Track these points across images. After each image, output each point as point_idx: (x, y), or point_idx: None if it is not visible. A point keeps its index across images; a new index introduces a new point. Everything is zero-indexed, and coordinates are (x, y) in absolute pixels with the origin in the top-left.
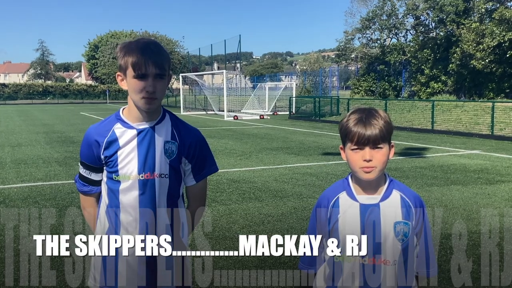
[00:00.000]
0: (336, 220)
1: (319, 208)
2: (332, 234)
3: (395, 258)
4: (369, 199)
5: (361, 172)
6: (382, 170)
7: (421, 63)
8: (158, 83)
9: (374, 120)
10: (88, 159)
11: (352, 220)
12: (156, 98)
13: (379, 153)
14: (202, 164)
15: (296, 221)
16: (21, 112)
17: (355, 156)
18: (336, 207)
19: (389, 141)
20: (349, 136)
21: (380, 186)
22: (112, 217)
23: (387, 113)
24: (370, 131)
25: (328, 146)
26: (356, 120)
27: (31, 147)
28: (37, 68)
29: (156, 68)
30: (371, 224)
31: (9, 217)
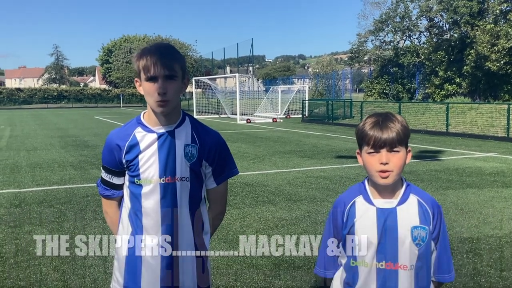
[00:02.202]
0: (352, 224)
1: (335, 212)
2: (348, 239)
3: (412, 263)
4: (386, 203)
5: (378, 177)
6: (399, 175)
7: (435, 65)
8: (169, 85)
9: (391, 123)
10: (110, 164)
11: (368, 224)
12: (169, 100)
13: (395, 157)
14: (223, 166)
15: (310, 225)
16: (36, 116)
17: (371, 160)
18: (352, 211)
19: (406, 145)
20: (365, 140)
21: (397, 190)
22: (135, 221)
23: (403, 118)
24: (387, 134)
25: (342, 149)
26: (373, 123)
27: (46, 151)
28: (52, 72)
29: (165, 69)
30: (388, 228)
31: (25, 221)
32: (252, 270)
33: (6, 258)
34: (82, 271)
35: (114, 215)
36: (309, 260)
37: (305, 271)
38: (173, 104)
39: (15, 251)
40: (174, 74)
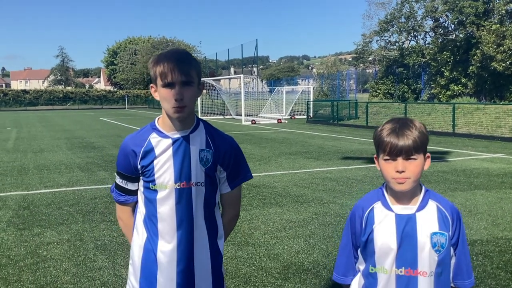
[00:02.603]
0: (371, 231)
1: (353, 218)
2: (367, 245)
3: (431, 269)
4: (404, 209)
5: (394, 183)
6: (417, 181)
7: (441, 66)
8: (186, 91)
9: (408, 131)
10: (125, 169)
11: (387, 230)
12: (185, 106)
13: (412, 164)
14: (237, 171)
15: (318, 227)
16: (42, 118)
17: (387, 167)
18: (371, 217)
19: (425, 151)
20: (381, 146)
21: (415, 196)
22: (150, 227)
23: (423, 123)
24: (403, 141)
25: (348, 150)
26: (390, 130)
27: (53, 152)
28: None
29: (182, 75)
30: (407, 234)
31: (34, 223)
32: (262, 273)
33: (16, 261)
34: (92, 274)
35: (128, 221)
36: (318, 263)
37: (315, 274)
38: (189, 109)
39: (25, 254)
40: (191, 80)
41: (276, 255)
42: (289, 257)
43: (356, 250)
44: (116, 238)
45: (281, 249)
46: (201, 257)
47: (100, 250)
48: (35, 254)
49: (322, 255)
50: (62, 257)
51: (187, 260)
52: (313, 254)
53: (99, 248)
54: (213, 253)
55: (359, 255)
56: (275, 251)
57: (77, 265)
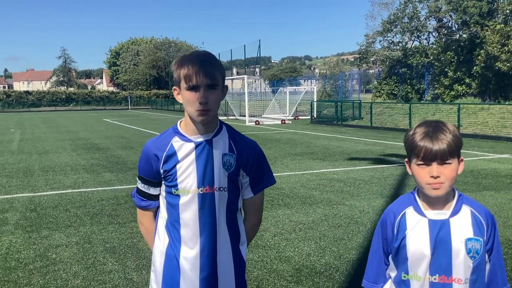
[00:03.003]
0: (403, 236)
1: (384, 223)
2: (399, 251)
3: (466, 276)
4: (438, 215)
5: (429, 189)
6: (451, 186)
7: (445, 66)
8: (210, 94)
9: (442, 135)
10: (147, 174)
11: (421, 236)
12: (210, 109)
13: (447, 169)
14: (260, 176)
15: (328, 228)
16: (45, 119)
17: (421, 172)
18: (403, 223)
19: (459, 155)
20: (415, 151)
21: (448, 201)
22: (172, 232)
23: (456, 126)
24: (438, 146)
25: (353, 151)
26: (423, 134)
27: (58, 154)
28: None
29: (207, 78)
30: (441, 240)
31: (42, 225)
32: (274, 276)
33: (26, 264)
34: (102, 277)
35: (149, 226)
36: (330, 266)
37: (327, 277)
38: (213, 113)
39: (34, 257)
40: (215, 83)
41: (287, 257)
42: (300, 259)
43: (387, 256)
44: (125, 241)
45: (292, 252)
46: (224, 263)
47: (109, 253)
48: (44, 257)
49: (334, 257)
50: (71, 260)
51: (210, 267)
52: (324, 256)
53: (108, 251)
54: (236, 260)
55: (390, 261)
56: (286, 253)
57: (87, 268)
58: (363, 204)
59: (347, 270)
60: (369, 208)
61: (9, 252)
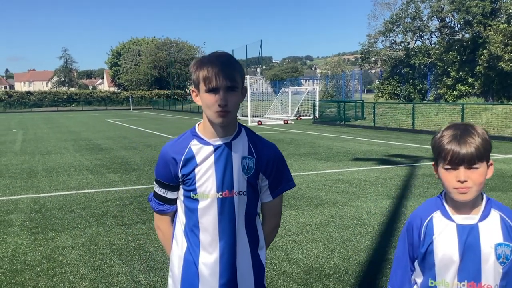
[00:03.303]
0: (430, 242)
1: (410, 228)
2: (426, 257)
3: (496, 282)
4: (466, 219)
5: (456, 193)
6: (479, 191)
7: (447, 66)
8: (230, 96)
9: (470, 138)
10: (164, 178)
11: (449, 241)
12: (229, 111)
13: (475, 174)
14: (280, 180)
15: (335, 230)
16: (47, 119)
17: (448, 176)
18: (430, 228)
19: (487, 159)
20: (442, 155)
21: (477, 205)
22: (191, 237)
23: (485, 129)
24: (465, 149)
25: (357, 151)
26: (451, 137)
27: (61, 155)
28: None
29: (227, 80)
30: (470, 246)
31: (47, 227)
32: (283, 278)
33: (32, 266)
34: (110, 280)
35: (167, 231)
36: (339, 268)
37: (337, 279)
38: (233, 115)
39: (40, 259)
40: (235, 85)
41: (296, 259)
42: (309, 261)
43: (412, 262)
44: (131, 243)
45: (300, 253)
46: (243, 269)
47: (116, 255)
48: (51, 259)
49: (343, 259)
50: (78, 262)
51: (230, 273)
52: (333, 258)
53: (115, 253)
54: (256, 265)
55: (416, 267)
56: (294, 255)
57: (94, 270)
58: (370, 205)
59: (357, 272)
60: (376, 209)
61: (15, 254)
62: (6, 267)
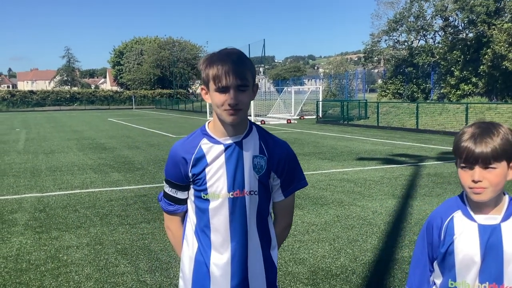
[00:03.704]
0: (451, 242)
1: (430, 227)
2: (446, 257)
3: None
4: (488, 219)
5: (470, 193)
6: (497, 192)
7: (451, 65)
8: (241, 95)
9: (488, 138)
10: (174, 178)
11: (470, 242)
12: (240, 109)
13: (491, 174)
14: (292, 178)
15: (341, 230)
16: (50, 118)
17: (464, 175)
18: (450, 228)
19: (508, 159)
20: (458, 152)
21: (499, 204)
22: (202, 238)
23: (511, 129)
24: (480, 149)
25: (361, 150)
26: (469, 135)
27: (64, 154)
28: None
29: (238, 79)
30: (492, 246)
31: (51, 226)
32: (289, 278)
33: (37, 266)
34: (115, 279)
35: (177, 232)
36: (346, 268)
37: (344, 279)
38: (244, 113)
39: (45, 258)
40: (246, 84)
41: (302, 259)
42: (315, 261)
43: (431, 262)
44: (136, 242)
45: (306, 253)
46: (255, 269)
47: (121, 255)
48: (55, 259)
49: (349, 259)
50: (83, 261)
51: (242, 273)
52: (339, 258)
53: (120, 252)
54: (268, 265)
55: (435, 267)
56: (300, 255)
57: (99, 270)
58: (375, 205)
59: (364, 273)
60: (381, 209)
61: (19, 253)
62: (10, 267)
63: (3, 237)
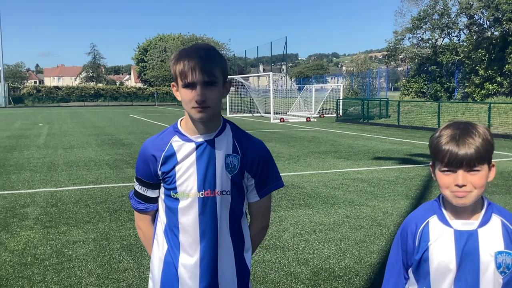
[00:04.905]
0: (426, 248)
1: (404, 234)
2: (420, 264)
3: None
4: (464, 225)
5: (453, 197)
6: (479, 195)
7: (475, 64)
8: (208, 91)
9: (470, 138)
10: (144, 175)
11: (445, 248)
12: (208, 106)
13: (475, 177)
14: (266, 179)
15: (349, 230)
16: (74, 114)
17: (445, 179)
18: (425, 233)
19: (489, 161)
20: (439, 156)
21: (477, 210)
22: (171, 238)
23: (488, 128)
24: (464, 151)
25: (379, 150)
26: (449, 137)
27: (83, 149)
28: (89, 71)
29: (204, 75)
30: (468, 253)
31: (61, 221)
32: (291, 279)
33: (42, 260)
34: (116, 275)
35: (147, 231)
36: (350, 269)
37: (346, 281)
38: (214, 111)
39: (50, 253)
40: (214, 80)
41: (306, 259)
42: (319, 262)
43: (406, 270)
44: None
45: (310, 254)
46: (226, 272)
47: (125, 251)
48: (60, 254)
49: (354, 261)
50: (87, 257)
51: (211, 276)
52: (344, 259)
53: (125, 248)
54: (239, 268)
55: (410, 275)
56: (304, 255)
57: (102, 265)
58: (387, 206)
59: (367, 275)
60: (393, 209)
61: (26, 247)
62: (15, 261)
63: (12, 231)
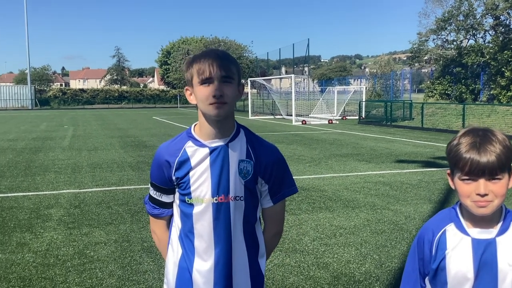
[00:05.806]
0: (443, 257)
1: (421, 242)
2: (437, 273)
3: None
4: (482, 233)
5: (474, 207)
6: (500, 204)
7: (501, 65)
8: (226, 87)
9: (491, 146)
10: (159, 181)
11: (463, 257)
12: (226, 102)
13: (496, 185)
14: (280, 184)
15: (370, 234)
16: (98, 116)
17: (466, 188)
18: (442, 242)
19: (510, 168)
20: (459, 165)
21: (495, 218)
22: (186, 243)
23: (505, 135)
24: (486, 158)
25: (402, 153)
26: (469, 145)
27: (106, 151)
28: (114, 74)
29: (222, 70)
30: (486, 262)
31: (83, 222)
32: (310, 283)
33: (64, 261)
34: (137, 277)
35: (162, 236)
36: (370, 274)
37: (366, 286)
38: (230, 108)
39: (73, 254)
40: (231, 76)
41: (326, 264)
42: (339, 266)
43: (423, 278)
44: None
45: (330, 258)
46: (240, 278)
47: (146, 253)
48: (82, 255)
49: (375, 265)
50: (108, 258)
51: (225, 281)
52: (365, 264)
53: (146, 250)
54: (254, 274)
55: (426, 284)
56: (324, 259)
57: (123, 267)
58: (409, 210)
59: (388, 280)
60: (415, 214)
61: (49, 248)
62: (38, 261)
63: (36, 232)
